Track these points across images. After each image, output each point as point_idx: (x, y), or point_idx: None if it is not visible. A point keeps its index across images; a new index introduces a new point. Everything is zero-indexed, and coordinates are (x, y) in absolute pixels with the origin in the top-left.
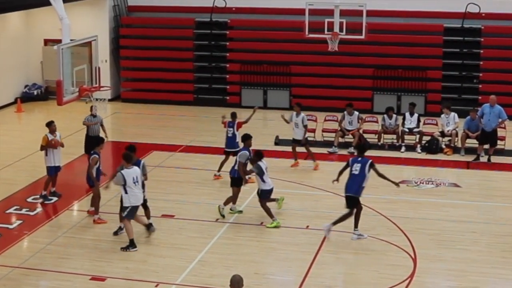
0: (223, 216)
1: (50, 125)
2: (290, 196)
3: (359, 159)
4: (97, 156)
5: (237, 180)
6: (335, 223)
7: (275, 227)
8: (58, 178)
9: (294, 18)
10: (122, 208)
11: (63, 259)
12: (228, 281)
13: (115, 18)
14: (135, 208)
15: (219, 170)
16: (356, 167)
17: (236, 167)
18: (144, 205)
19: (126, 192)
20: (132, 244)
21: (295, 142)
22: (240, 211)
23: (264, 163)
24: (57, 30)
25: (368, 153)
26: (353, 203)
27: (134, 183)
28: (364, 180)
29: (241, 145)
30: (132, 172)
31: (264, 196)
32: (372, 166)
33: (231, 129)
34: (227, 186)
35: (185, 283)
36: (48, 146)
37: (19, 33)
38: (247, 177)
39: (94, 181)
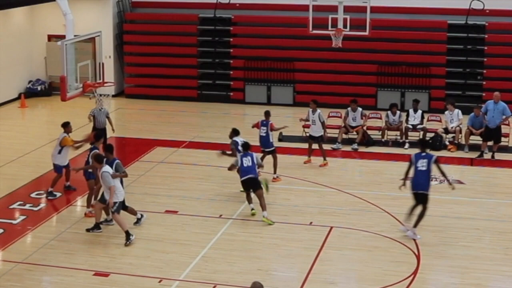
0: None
1: (67, 126)
2: (294, 193)
3: (423, 154)
4: (97, 151)
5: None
6: (415, 225)
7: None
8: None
9: (298, 14)
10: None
11: (66, 255)
12: (231, 277)
13: (119, 13)
14: (121, 203)
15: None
16: (423, 163)
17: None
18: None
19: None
20: (128, 235)
21: (311, 139)
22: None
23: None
24: (61, 25)
25: (372, 149)
26: (424, 199)
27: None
28: (430, 176)
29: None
30: (108, 168)
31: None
32: (436, 162)
33: (265, 128)
34: (231, 182)
35: (188, 279)
36: (78, 144)
37: (23, 28)
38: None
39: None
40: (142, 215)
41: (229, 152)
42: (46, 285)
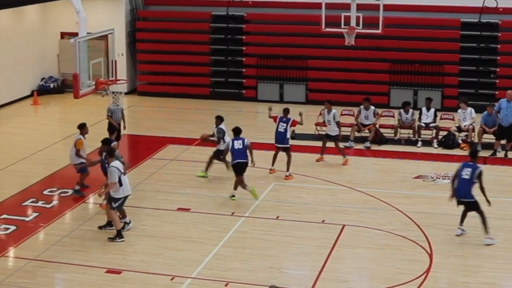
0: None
1: (83, 128)
2: (306, 191)
3: (471, 163)
4: (115, 143)
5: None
6: (486, 231)
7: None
8: (74, 172)
9: (311, 12)
10: (113, 200)
11: (79, 252)
12: (243, 275)
13: (131, 11)
14: (126, 198)
15: (272, 164)
16: (467, 172)
17: None
18: None
19: (121, 184)
20: (119, 235)
21: (327, 137)
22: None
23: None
24: (73, 23)
25: (384, 147)
26: (470, 206)
27: (124, 173)
28: (473, 185)
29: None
30: (118, 164)
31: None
32: (480, 176)
33: (284, 124)
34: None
35: (200, 277)
36: (86, 159)
37: (35, 26)
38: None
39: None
40: (129, 222)
41: (213, 138)
42: (59, 282)
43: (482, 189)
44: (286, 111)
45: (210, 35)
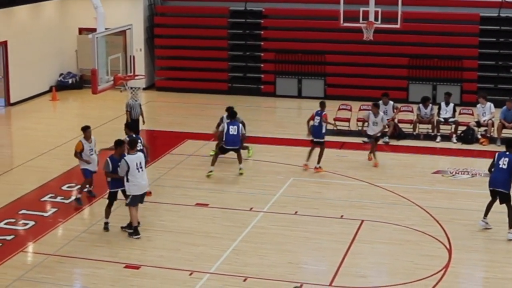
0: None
1: (86, 130)
2: (324, 186)
3: (507, 153)
4: (137, 138)
5: None
6: (510, 226)
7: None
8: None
9: (329, 7)
10: (126, 196)
11: (97, 247)
12: (262, 270)
13: (149, 7)
14: (137, 197)
15: (307, 160)
16: (504, 161)
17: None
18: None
19: (127, 181)
20: (136, 231)
21: (369, 137)
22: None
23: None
24: (91, 19)
25: (403, 142)
26: (503, 198)
27: (138, 169)
28: (511, 175)
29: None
30: (135, 158)
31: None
32: None
33: (318, 118)
34: (261, 175)
35: (219, 272)
36: (79, 158)
37: (54, 22)
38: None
39: None
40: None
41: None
42: (77, 277)
43: None
44: (322, 105)
45: (228, 30)
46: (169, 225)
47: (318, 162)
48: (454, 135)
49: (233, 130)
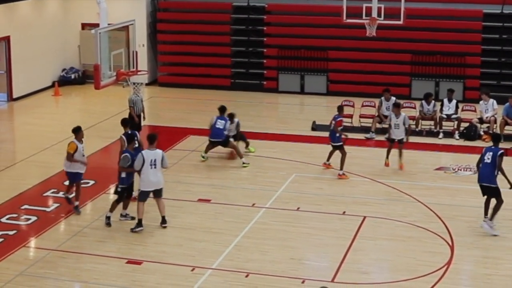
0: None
1: (78, 132)
2: (327, 182)
3: (493, 147)
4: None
5: None
6: (491, 218)
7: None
8: (95, 162)
9: (332, 3)
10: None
11: (99, 242)
12: (264, 266)
13: (152, 2)
14: (145, 192)
15: (328, 160)
16: (489, 156)
17: None
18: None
19: (139, 175)
20: (139, 224)
21: (391, 141)
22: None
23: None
24: (94, 14)
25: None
26: (490, 192)
27: (151, 165)
28: (496, 169)
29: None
30: (151, 154)
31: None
32: (501, 156)
33: (334, 122)
34: (264, 171)
35: (221, 268)
36: (75, 160)
37: (56, 17)
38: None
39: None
40: (126, 215)
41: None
42: (79, 273)
43: (501, 170)
44: (338, 109)
45: (231, 26)
46: (171, 221)
47: (341, 168)
48: (456, 132)
49: (220, 124)
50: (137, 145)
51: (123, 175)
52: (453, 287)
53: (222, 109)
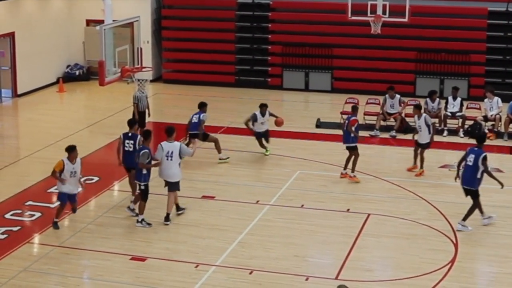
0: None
1: (71, 151)
2: (331, 179)
3: (476, 149)
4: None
5: None
6: (465, 218)
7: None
8: (99, 158)
9: (337, 0)
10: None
11: (103, 239)
12: (268, 263)
13: None
14: (166, 182)
15: (345, 168)
16: (471, 158)
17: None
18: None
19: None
20: (168, 218)
21: (417, 145)
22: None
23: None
24: (99, 10)
25: (410, 136)
26: (470, 194)
27: (167, 157)
28: (478, 172)
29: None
30: (169, 146)
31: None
32: (484, 159)
33: (347, 121)
34: (268, 168)
35: (224, 264)
36: (57, 178)
37: (61, 13)
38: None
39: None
40: (133, 209)
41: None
42: (83, 269)
43: (488, 174)
44: (353, 109)
45: (235, 23)
46: (175, 218)
47: (352, 171)
48: (461, 130)
49: (195, 118)
50: (132, 149)
51: (144, 171)
52: (457, 285)
53: (200, 105)
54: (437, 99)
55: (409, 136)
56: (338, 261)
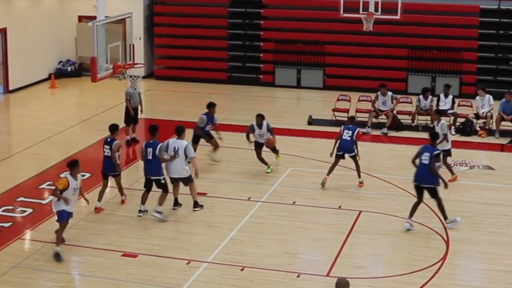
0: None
1: (73, 167)
2: (323, 176)
3: (429, 145)
4: (119, 142)
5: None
6: (446, 215)
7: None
8: (91, 155)
9: None
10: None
11: (95, 235)
12: (259, 260)
13: None
14: (169, 179)
15: (359, 176)
16: (426, 157)
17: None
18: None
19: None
20: (196, 204)
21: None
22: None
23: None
24: (91, 6)
25: (402, 134)
26: (430, 193)
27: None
28: (430, 170)
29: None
30: (175, 143)
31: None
32: (436, 157)
33: (349, 132)
34: (260, 165)
35: (216, 261)
36: (59, 197)
37: (53, 9)
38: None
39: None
40: (144, 210)
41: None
42: (75, 265)
43: (433, 171)
44: (351, 119)
45: (228, 20)
46: (167, 214)
47: (359, 176)
48: (452, 127)
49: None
50: (109, 154)
51: (163, 165)
52: (449, 282)
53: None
54: (430, 96)
55: (401, 134)
56: (330, 258)
